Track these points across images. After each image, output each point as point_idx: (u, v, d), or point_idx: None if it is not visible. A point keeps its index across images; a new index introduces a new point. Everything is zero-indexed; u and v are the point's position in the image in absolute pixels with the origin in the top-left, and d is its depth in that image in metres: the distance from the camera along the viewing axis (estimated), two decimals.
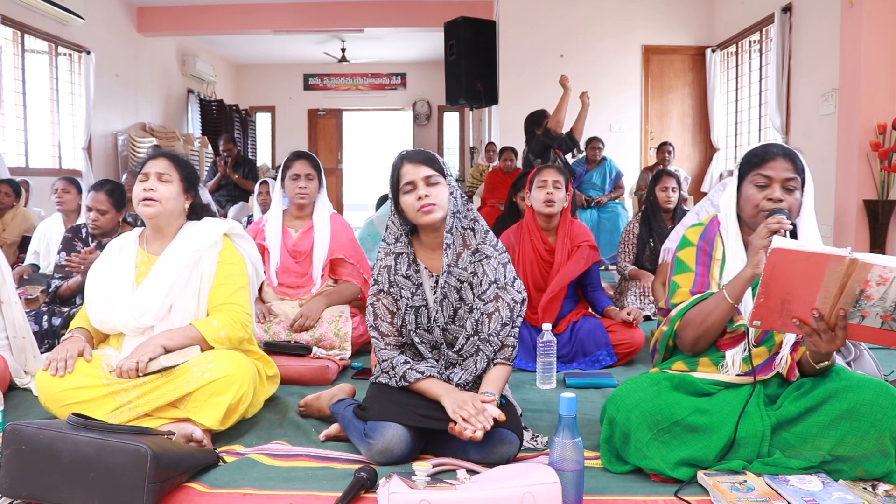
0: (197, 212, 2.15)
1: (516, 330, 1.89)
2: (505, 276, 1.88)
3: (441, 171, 1.86)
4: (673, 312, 1.78)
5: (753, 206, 1.74)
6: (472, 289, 1.87)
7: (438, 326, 1.86)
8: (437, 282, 1.89)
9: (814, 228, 1.77)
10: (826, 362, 1.64)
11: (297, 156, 3.00)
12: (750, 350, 1.71)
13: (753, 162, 1.76)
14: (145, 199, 2.02)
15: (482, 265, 1.86)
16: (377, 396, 1.84)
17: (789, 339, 1.73)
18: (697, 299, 1.75)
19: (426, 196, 1.81)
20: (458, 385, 1.82)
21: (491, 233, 1.93)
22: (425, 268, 1.91)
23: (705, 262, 1.81)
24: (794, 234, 1.72)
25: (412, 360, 1.86)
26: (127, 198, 3.24)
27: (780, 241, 1.43)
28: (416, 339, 1.87)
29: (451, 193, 1.86)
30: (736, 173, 1.82)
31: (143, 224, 2.13)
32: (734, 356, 1.73)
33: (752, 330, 1.71)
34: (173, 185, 2.06)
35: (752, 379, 1.68)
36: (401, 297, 1.87)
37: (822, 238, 1.82)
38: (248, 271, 2.17)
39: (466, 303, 1.87)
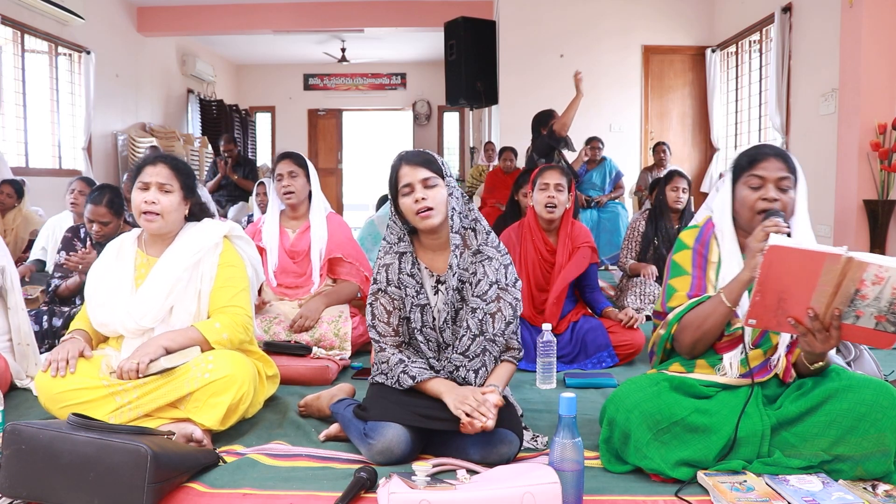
0: (195, 213, 2.13)
1: (518, 329, 1.91)
2: (506, 277, 1.88)
3: (440, 172, 1.85)
4: (670, 316, 1.79)
5: (749, 209, 1.75)
6: (471, 287, 1.87)
7: (448, 328, 1.86)
8: (437, 281, 1.89)
9: (807, 227, 1.77)
10: (821, 363, 1.64)
11: (280, 157, 3.01)
12: (747, 352, 1.71)
13: (746, 163, 1.77)
14: (148, 213, 2.00)
15: (483, 266, 1.86)
16: (377, 396, 1.84)
17: (784, 340, 1.73)
18: (694, 303, 1.75)
19: (423, 199, 1.80)
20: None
21: (493, 234, 1.92)
22: (426, 268, 1.91)
23: (701, 265, 1.81)
24: (788, 235, 1.73)
25: (409, 358, 1.85)
26: (126, 199, 3.23)
27: (777, 239, 1.44)
28: (421, 339, 1.87)
29: (451, 194, 1.85)
30: (729, 176, 1.83)
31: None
32: (731, 359, 1.74)
33: (748, 333, 1.72)
34: (174, 194, 2.03)
35: (751, 380, 1.68)
36: (406, 295, 1.87)
37: (821, 238, 1.83)
38: (248, 273, 2.16)
39: (467, 302, 1.87)
